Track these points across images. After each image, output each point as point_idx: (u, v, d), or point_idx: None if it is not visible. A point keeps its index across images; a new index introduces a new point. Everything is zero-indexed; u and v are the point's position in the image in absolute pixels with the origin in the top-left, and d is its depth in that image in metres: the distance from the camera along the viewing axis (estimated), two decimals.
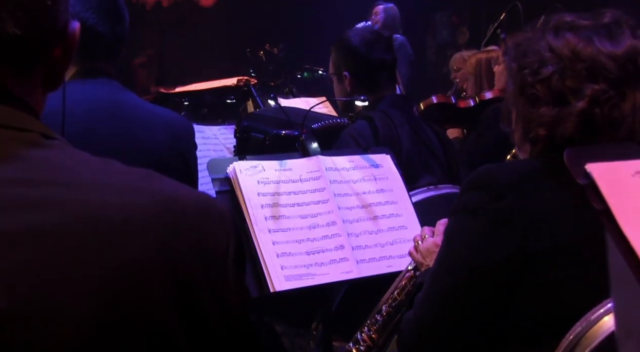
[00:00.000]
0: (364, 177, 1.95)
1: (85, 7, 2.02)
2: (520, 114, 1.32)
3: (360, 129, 2.29)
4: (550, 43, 1.29)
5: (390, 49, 2.49)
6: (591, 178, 0.85)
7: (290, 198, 1.82)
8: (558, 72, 1.26)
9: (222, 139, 3.13)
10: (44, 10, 0.74)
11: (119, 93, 2.08)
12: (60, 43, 0.79)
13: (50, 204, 0.67)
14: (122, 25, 2.09)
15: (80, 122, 1.97)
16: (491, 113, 2.87)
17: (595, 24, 1.28)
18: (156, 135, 2.07)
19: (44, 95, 0.81)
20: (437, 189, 2.26)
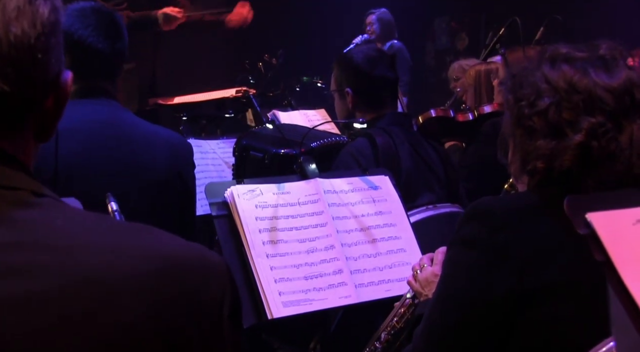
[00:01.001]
0: (363, 199, 1.94)
1: (84, 25, 2.02)
2: (517, 146, 1.32)
3: (360, 147, 2.28)
4: (546, 75, 1.28)
5: (393, 67, 2.49)
6: (592, 228, 0.84)
7: (289, 222, 1.81)
8: (555, 105, 1.25)
9: (220, 154, 3.12)
10: (34, 63, 0.73)
11: (118, 113, 2.08)
12: (51, 94, 0.77)
13: (39, 270, 0.66)
14: (121, 42, 2.09)
15: (80, 144, 1.96)
16: (489, 127, 2.86)
17: (590, 56, 1.28)
18: (156, 156, 2.06)
19: (36, 147, 0.79)
20: (436, 208, 2.26)
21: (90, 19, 2.02)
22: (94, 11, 2.05)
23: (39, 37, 0.73)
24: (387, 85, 2.47)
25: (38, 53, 0.73)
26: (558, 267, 1.19)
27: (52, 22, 0.75)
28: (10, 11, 0.71)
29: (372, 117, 2.44)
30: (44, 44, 0.73)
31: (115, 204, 1.58)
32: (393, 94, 2.51)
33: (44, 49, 0.73)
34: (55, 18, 0.75)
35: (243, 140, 2.36)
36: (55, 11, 0.75)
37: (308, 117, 3.52)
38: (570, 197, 0.85)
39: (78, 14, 2.02)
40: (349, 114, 2.51)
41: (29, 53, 0.72)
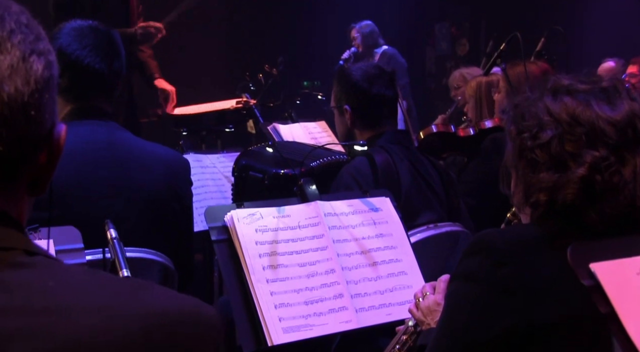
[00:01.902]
0: (363, 221, 1.92)
1: (82, 45, 2.00)
2: (520, 177, 1.31)
3: (359, 167, 2.26)
4: (548, 106, 1.27)
5: (392, 85, 2.47)
6: (596, 279, 0.84)
7: (289, 246, 1.80)
8: (557, 137, 1.24)
9: (220, 168, 3.11)
10: (27, 121, 0.72)
11: (115, 133, 2.06)
12: (45, 148, 0.76)
13: (30, 334, 0.65)
14: (119, 61, 2.07)
15: (76, 165, 1.95)
16: (490, 143, 2.86)
17: (593, 88, 1.27)
18: (153, 176, 2.05)
19: (29, 202, 0.78)
20: (437, 227, 2.25)
21: (88, 38, 2.01)
22: (91, 30, 2.04)
23: (33, 94, 0.72)
24: (386, 103, 2.46)
25: (32, 110, 0.72)
26: (560, 303, 1.17)
27: (46, 78, 0.74)
28: (3, 70, 0.70)
29: (371, 135, 2.43)
30: (37, 100, 0.72)
31: (114, 231, 1.57)
32: (392, 111, 2.50)
33: (37, 105, 0.73)
34: (50, 73, 0.75)
35: (242, 160, 2.34)
36: (49, 66, 0.74)
37: (308, 129, 3.51)
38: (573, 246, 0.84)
39: (75, 34, 2.01)
40: (347, 130, 2.49)
41: (22, 111, 0.71)
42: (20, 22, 0.73)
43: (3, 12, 0.72)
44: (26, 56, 0.72)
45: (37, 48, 0.73)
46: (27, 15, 0.75)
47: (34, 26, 0.75)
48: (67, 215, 1.82)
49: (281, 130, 3.32)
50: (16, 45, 0.71)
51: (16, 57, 0.71)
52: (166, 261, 1.98)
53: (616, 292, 0.80)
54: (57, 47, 1.98)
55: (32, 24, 0.75)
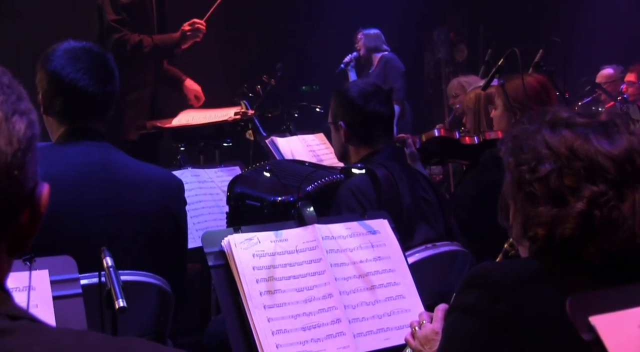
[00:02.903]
0: (362, 244, 1.92)
1: (76, 68, 2.00)
2: (518, 210, 1.30)
3: (360, 185, 2.25)
4: (547, 139, 1.26)
5: (388, 102, 2.47)
6: (595, 332, 0.83)
7: (286, 270, 1.79)
8: (556, 171, 1.23)
9: (218, 182, 3.10)
10: (10, 180, 0.71)
11: (109, 154, 2.07)
12: (27, 208, 0.75)
13: None
14: (113, 83, 2.08)
15: (71, 187, 1.95)
16: (488, 157, 2.84)
17: (591, 122, 1.26)
18: (147, 196, 2.05)
19: (9, 262, 0.77)
20: (435, 247, 2.24)
21: (82, 61, 2.01)
22: (85, 52, 2.03)
23: (16, 154, 0.71)
24: (381, 121, 2.45)
25: (14, 170, 0.71)
26: (557, 341, 1.17)
27: (29, 137, 0.74)
28: None
29: (367, 153, 2.42)
30: (20, 160, 0.72)
31: (110, 259, 1.56)
32: (387, 129, 2.48)
33: (20, 165, 0.72)
34: (32, 132, 0.74)
35: (236, 188, 2.29)
36: (31, 126, 0.74)
37: (307, 142, 3.50)
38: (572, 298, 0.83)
39: (69, 56, 2.01)
40: (343, 147, 2.49)
41: (4, 171, 0.71)
42: (2, 83, 0.74)
43: None
44: (8, 117, 0.72)
45: (19, 108, 0.74)
46: (8, 76, 0.76)
47: (16, 86, 0.76)
48: (62, 236, 1.82)
49: (279, 144, 3.31)
50: None
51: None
52: (163, 284, 1.97)
53: (617, 346, 0.79)
54: (51, 70, 2.00)
55: (14, 84, 0.76)
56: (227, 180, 3.12)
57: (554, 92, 3.02)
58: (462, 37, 8.09)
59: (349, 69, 6.53)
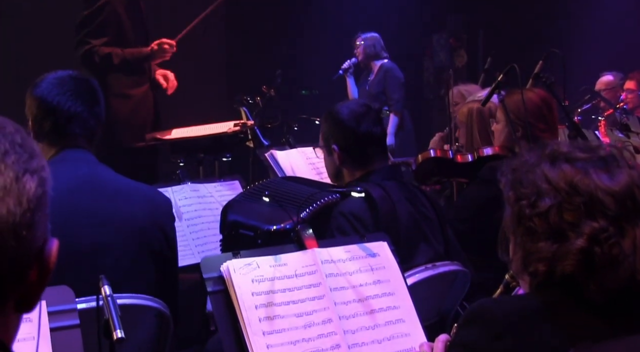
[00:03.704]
0: (361, 268, 1.91)
1: (62, 90, 2.11)
2: (518, 244, 1.29)
3: (353, 209, 2.21)
4: (546, 174, 1.26)
5: (379, 122, 2.45)
6: None
7: (286, 295, 1.78)
8: (556, 206, 1.23)
9: (217, 197, 3.10)
10: (18, 241, 0.71)
11: (97, 169, 2.15)
12: (35, 265, 0.74)
13: None
14: (98, 106, 2.18)
15: (62, 198, 1.95)
16: (487, 172, 2.84)
17: (591, 157, 1.26)
18: (136, 208, 2.11)
19: (17, 318, 0.76)
20: (435, 267, 2.23)
21: (68, 84, 2.11)
22: (71, 78, 2.14)
23: (25, 214, 0.71)
24: (374, 141, 2.42)
25: (23, 230, 0.71)
26: None
27: (39, 196, 0.73)
28: None
29: (362, 173, 2.40)
30: (29, 220, 0.72)
31: (109, 288, 1.55)
32: (381, 149, 2.46)
33: (28, 225, 0.72)
34: (42, 191, 0.74)
35: (230, 215, 2.23)
36: (42, 184, 0.74)
37: (306, 154, 3.49)
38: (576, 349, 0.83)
39: (56, 82, 2.11)
40: (336, 170, 2.47)
41: (13, 232, 0.70)
42: (15, 142, 0.74)
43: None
44: (19, 176, 0.72)
45: (30, 167, 0.73)
46: (21, 134, 0.76)
47: (28, 144, 0.75)
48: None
49: (279, 157, 3.31)
50: (10, 166, 0.72)
51: (10, 178, 0.71)
52: (161, 307, 1.97)
53: None
54: (38, 95, 2.10)
55: (26, 142, 0.76)
56: (227, 195, 3.12)
57: (555, 106, 3.02)
58: (462, 42, 8.08)
59: (348, 75, 6.52)
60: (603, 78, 6.46)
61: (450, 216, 2.68)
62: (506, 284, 1.47)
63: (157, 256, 2.09)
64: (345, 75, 6.49)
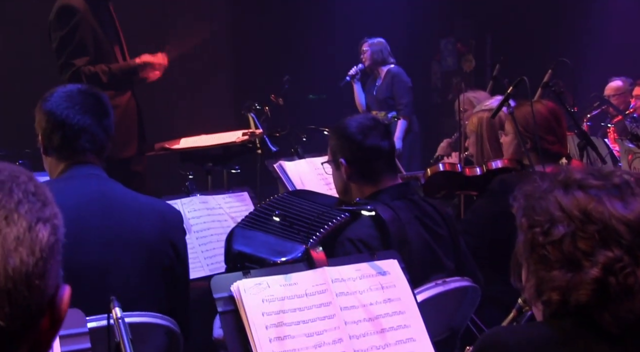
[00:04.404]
0: (371, 286, 1.90)
1: (71, 104, 2.10)
2: (532, 272, 1.28)
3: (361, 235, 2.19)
4: (560, 201, 1.25)
5: (388, 136, 2.43)
6: None
7: (296, 315, 1.77)
8: (570, 235, 1.22)
9: (226, 209, 3.10)
10: (30, 290, 0.71)
11: (106, 184, 2.14)
12: (47, 313, 0.74)
13: None
14: (108, 119, 2.17)
15: (71, 216, 1.94)
16: (497, 185, 2.83)
17: (605, 184, 1.24)
18: (146, 223, 2.09)
19: None
20: (445, 283, 2.22)
21: (77, 98, 2.11)
22: (80, 92, 2.14)
23: (37, 264, 0.71)
24: (382, 156, 2.40)
25: (35, 280, 0.71)
26: None
27: (51, 244, 0.73)
28: (9, 242, 0.69)
29: (371, 192, 2.38)
30: (41, 269, 0.72)
31: (120, 310, 1.55)
32: (390, 164, 2.43)
33: (41, 274, 0.72)
34: (55, 239, 0.74)
35: (234, 245, 2.17)
36: (55, 231, 0.74)
37: (315, 165, 3.48)
38: None
39: (64, 96, 2.11)
40: (344, 185, 2.45)
41: (25, 282, 0.70)
42: (28, 191, 0.74)
43: (11, 184, 0.73)
44: (32, 226, 0.72)
45: (43, 215, 0.74)
46: (34, 182, 0.76)
47: (41, 192, 0.76)
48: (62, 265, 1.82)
49: (287, 168, 3.30)
50: (23, 216, 0.72)
51: (23, 228, 0.71)
52: (171, 325, 1.97)
53: None
54: (48, 109, 2.10)
55: (39, 190, 0.76)
56: (236, 206, 3.12)
57: (564, 119, 3.01)
58: (470, 47, 8.07)
59: (355, 81, 6.52)
60: (612, 83, 6.44)
61: (460, 229, 2.67)
62: (519, 308, 1.47)
63: (167, 273, 2.08)
64: (352, 82, 6.49)
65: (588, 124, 5.90)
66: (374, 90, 6.47)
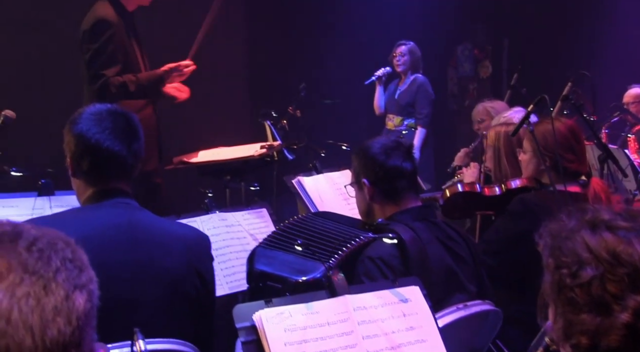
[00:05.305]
0: (393, 314, 1.89)
1: (101, 128, 2.06)
2: (559, 314, 1.27)
3: (383, 255, 2.20)
4: (587, 242, 1.23)
5: (410, 158, 2.44)
6: None
7: (318, 345, 1.77)
8: (598, 278, 1.20)
9: (245, 225, 3.10)
10: None
11: (135, 214, 2.10)
12: None
13: None
14: (138, 142, 2.14)
15: (97, 250, 1.96)
16: (519, 205, 2.81)
17: (634, 226, 1.23)
18: (173, 256, 2.07)
19: None
20: (467, 308, 2.21)
21: (107, 121, 2.08)
22: (109, 114, 2.10)
23: (74, 333, 0.72)
24: (404, 176, 2.42)
25: (72, 349, 0.72)
26: None
27: (87, 311, 0.74)
28: (48, 312, 0.70)
29: (393, 212, 2.39)
30: (78, 338, 0.73)
31: (143, 342, 1.56)
32: (411, 185, 2.45)
33: (77, 342, 0.73)
34: (91, 305, 0.75)
35: (256, 265, 2.20)
36: (91, 298, 0.75)
37: (333, 180, 3.48)
38: None
39: (94, 118, 2.08)
40: (367, 206, 2.46)
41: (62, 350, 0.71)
42: (65, 258, 0.75)
43: (50, 252, 0.74)
44: (69, 294, 0.73)
45: (79, 282, 0.75)
46: (71, 248, 0.77)
47: (78, 257, 0.77)
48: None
49: (306, 184, 3.30)
50: (61, 284, 0.73)
51: (60, 297, 0.72)
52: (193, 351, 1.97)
53: None
54: (77, 132, 2.07)
55: (76, 255, 0.77)
56: (255, 223, 3.12)
57: (583, 137, 2.99)
58: (487, 53, 8.03)
59: (380, 83, 6.49)
60: (631, 91, 6.38)
61: (479, 249, 2.66)
62: (546, 347, 1.45)
63: (193, 303, 2.07)
64: (377, 82, 6.48)
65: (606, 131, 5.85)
66: (396, 93, 6.44)
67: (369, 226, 2.38)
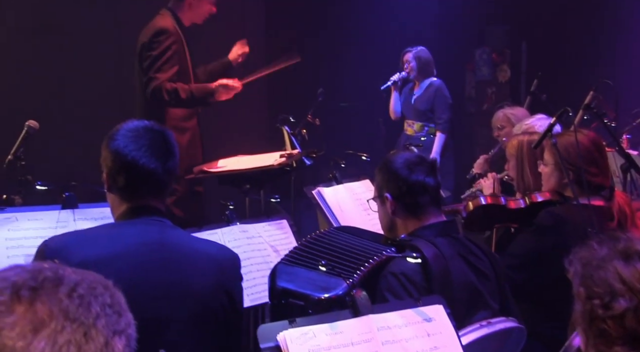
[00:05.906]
0: (417, 334, 1.88)
1: (137, 145, 2.07)
2: (591, 345, 1.25)
3: (406, 271, 2.19)
4: (620, 272, 1.22)
5: (433, 173, 2.43)
6: None
7: None
8: (632, 310, 1.18)
9: (266, 237, 3.10)
10: None
11: (166, 232, 2.10)
12: None
13: None
14: (173, 160, 2.14)
15: (130, 267, 1.98)
16: (547, 219, 2.78)
17: None
18: (204, 277, 2.07)
19: None
20: (490, 325, 2.19)
21: (143, 139, 2.08)
22: (146, 131, 2.10)
23: None
24: (427, 191, 2.41)
25: None
26: None
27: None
28: None
29: (415, 227, 2.39)
30: None
31: None
32: (435, 200, 2.44)
33: None
34: (130, 349, 0.76)
35: (279, 282, 2.20)
36: (129, 342, 0.77)
37: (353, 190, 3.48)
38: None
39: (131, 135, 2.08)
40: (390, 222, 2.46)
41: None
42: (105, 303, 0.76)
43: (90, 298, 0.75)
44: (109, 340, 0.74)
45: (118, 328, 0.75)
46: (110, 292, 0.77)
47: (117, 302, 0.77)
48: None
49: (326, 195, 3.30)
50: (100, 331, 0.73)
51: (100, 344, 0.73)
52: None
53: None
54: (114, 149, 2.08)
55: (115, 299, 0.78)
56: (275, 234, 3.12)
57: (605, 150, 2.95)
58: (505, 57, 7.98)
59: (395, 88, 6.47)
60: None
61: (504, 263, 2.64)
62: None
63: (221, 323, 2.07)
64: (392, 87, 6.46)
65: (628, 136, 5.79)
66: (411, 99, 6.40)
67: (391, 242, 2.37)
